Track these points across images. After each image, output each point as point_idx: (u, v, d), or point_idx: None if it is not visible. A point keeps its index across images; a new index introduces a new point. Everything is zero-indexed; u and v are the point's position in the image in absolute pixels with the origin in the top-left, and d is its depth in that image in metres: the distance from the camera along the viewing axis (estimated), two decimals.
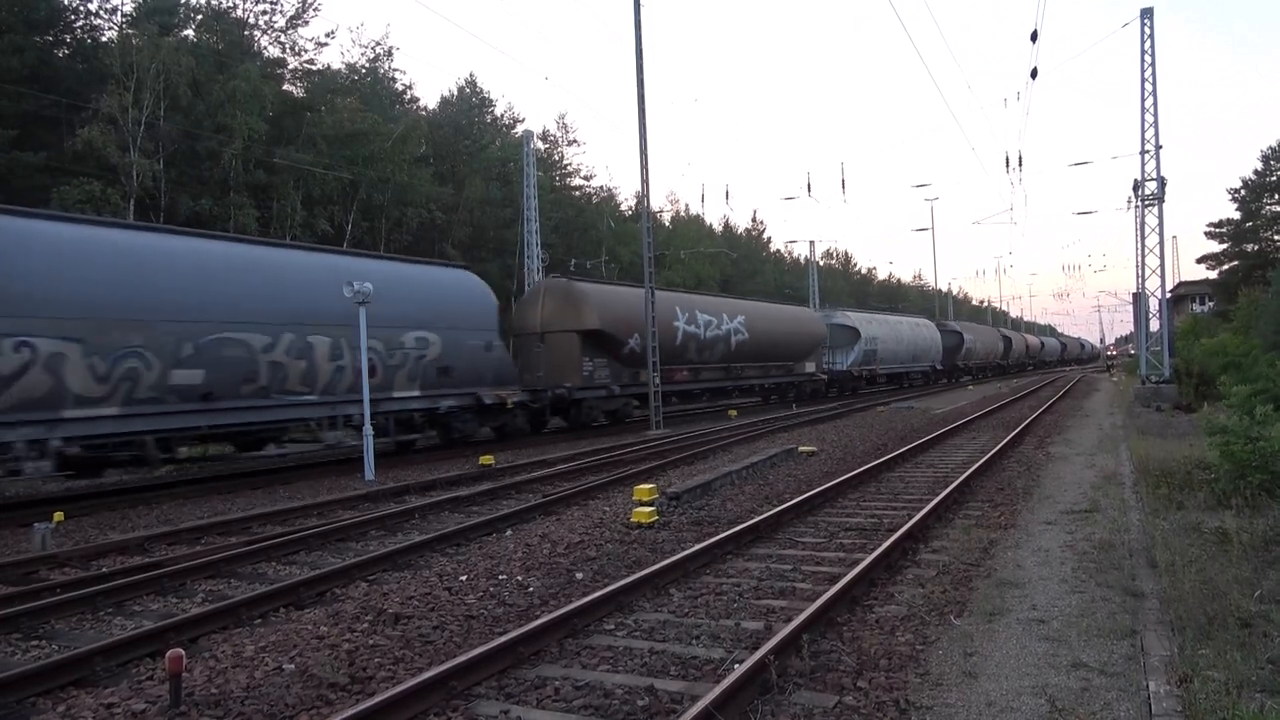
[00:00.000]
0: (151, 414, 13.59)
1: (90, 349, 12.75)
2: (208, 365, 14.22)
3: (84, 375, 12.69)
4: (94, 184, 27.09)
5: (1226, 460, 9.85)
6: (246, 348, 14.90)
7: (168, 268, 14.01)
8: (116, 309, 13.16)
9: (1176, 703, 4.53)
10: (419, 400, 18.27)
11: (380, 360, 17.17)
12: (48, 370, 12.30)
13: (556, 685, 5.25)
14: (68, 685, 5.58)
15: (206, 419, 14.35)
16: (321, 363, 16.09)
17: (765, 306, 34.83)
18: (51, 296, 12.44)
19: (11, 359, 11.92)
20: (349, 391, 16.38)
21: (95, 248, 13.55)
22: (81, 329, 12.68)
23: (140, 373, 13.40)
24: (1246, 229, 58.19)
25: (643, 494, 11.05)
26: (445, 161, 46.11)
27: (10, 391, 11.89)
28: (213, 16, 35.97)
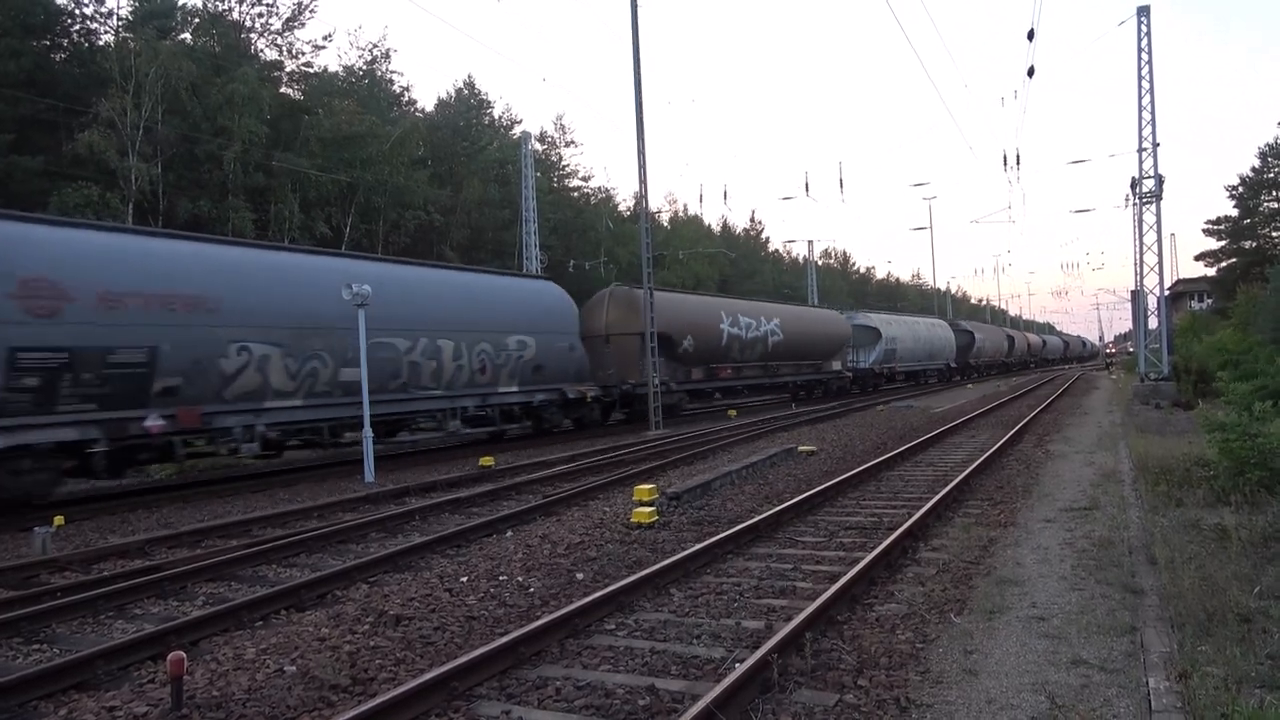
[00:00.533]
0: (327, 405, 16.35)
1: (287, 352, 15.48)
2: (371, 366, 16.18)
3: (282, 373, 15.42)
4: (93, 188, 27.10)
5: (1225, 457, 9.87)
6: (394, 350, 17.45)
7: (336, 285, 15.98)
8: (305, 319, 15.84)
9: (1176, 699, 4.54)
10: (517, 395, 21.01)
11: (489, 360, 19.82)
12: (258, 369, 15.00)
13: (558, 685, 5.26)
14: (69, 689, 5.58)
15: (363, 410, 16.02)
16: (446, 362, 18.74)
17: (798, 309, 37.79)
18: (262, 310, 15.12)
19: (235, 360, 14.62)
20: (465, 387, 19.28)
21: (290, 269, 16.46)
22: (281, 336, 15.37)
23: (319, 371, 16.09)
24: (1244, 226, 58.20)
25: (643, 494, 11.06)
26: (443, 163, 46.13)
27: (232, 386, 14.58)
28: (209, 20, 35.97)
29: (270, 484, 15.28)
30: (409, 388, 17.92)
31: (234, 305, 14.63)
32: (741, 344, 29.87)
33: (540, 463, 16.71)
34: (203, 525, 11.14)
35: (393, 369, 17.43)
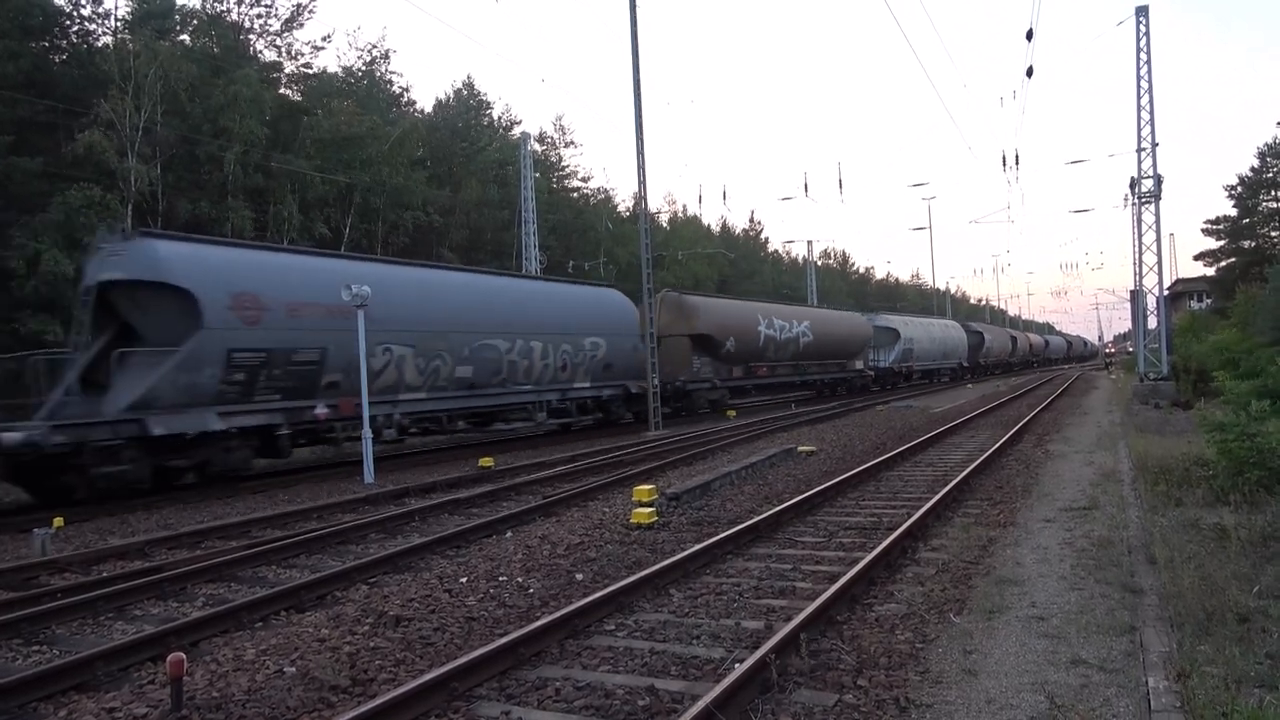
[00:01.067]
0: (445, 397, 18.98)
1: (418, 353, 17.97)
2: (475, 364, 19.38)
3: (413, 370, 17.96)
4: (95, 189, 27.08)
5: (1224, 457, 9.88)
6: (496, 351, 20.08)
7: (455, 294, 19.71)
8: (431, 324, 18.33)
9: (1175, 698, 4.55)
10: (590, 389, 23.64)
11: (570, 359, 22.43)
12: (396, 367, 17.53)
13: (557, 686, 5.26)
14: (69, 690, 5.58)
15: (472, 402, 19.74)
16: (536, 361, 21.24)
17: (825, 312, 40.54)
18: (400, 317, 17.44)
19: (380, 359, 17.03)
20: (550, 383, 21.98)
21: (419, 282, 19.16)
22: (414, 339, 17.82)
23: (440, 369, 18.61)
24: (1243, 226, 58.20)
25: (642, 495, 11.06)
26: (442, 164, 46.13)
27: (377, 381, 16.77)
28: (208, 21, 35.96)
29: (270, 485, 15.28)
30: (506, 383, 20.64)
31: (380, 313, 16.43)
32: (776, 345, 32.38)
33: (540, 463, 16.71)
34: (202, 526, 11.14)
35: (494, 367, 20.11)
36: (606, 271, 47.71)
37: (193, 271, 14.48)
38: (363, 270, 17.63)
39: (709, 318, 28.33)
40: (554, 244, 46.87)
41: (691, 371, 27.71)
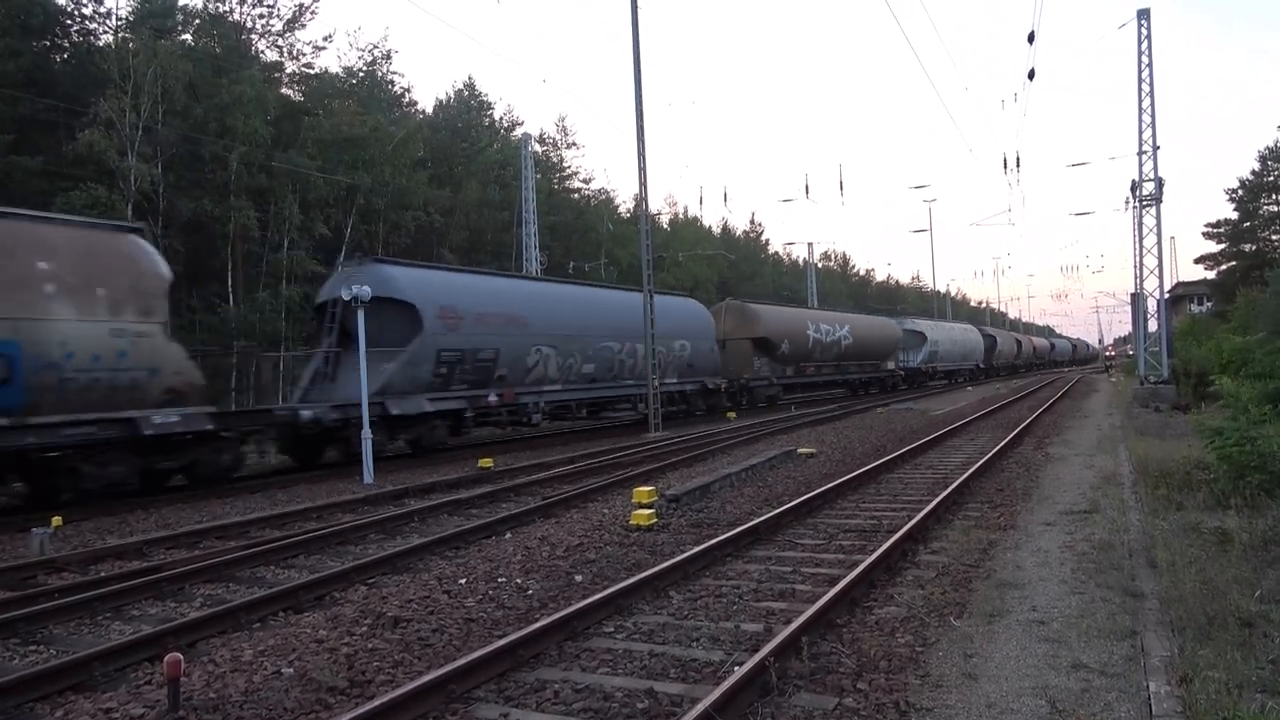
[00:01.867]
0: (575, 389, 23.24)
1: (559, 353, 22.02)
2: (596, 362, 23.65)
3: (555, 367, 22.05)
4: (99, 189, 27.07)
5: (1224, 462, 9.85)
6: (611, 351, 24.26)
7: (583, 304, 24.18)
8: (569, 330, 22.54)
9: (1177, 703, 4.53)
10: (677, 384, 27.61)
11: (664, 358, 26.06)
12: (544, 365, 21.63)
13: (556, 688, 5.24)
14: (66, 690, 5.56)
15: (592, 393, 24.19)
16: (639, 360, 25.16)
17: (862, 317, 44.93)
18: (547, 323, 21.67)
19: (533, 358, 21.26)
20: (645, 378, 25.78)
21: (558, 295, 23.84)
22: (556, 341, 21.96)
23: (573, 365, 22.73)
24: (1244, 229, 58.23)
25: (642, 496, 11.04)
26: (442, 164, 46.11)
27: (530, 375, 21.17)
28: (209, 21, 35.95)
29: (268, 485, 15.25)
30: (617, 378, 24.84)
31: (534, 321, 21.13)
32: (822, 347, 36.48)
33: (539, 464, 16.69)
34: (201, 526, 11.12)
35: (610, 364, 24.37)
36: (607, 273, 47.69)
37: (415, 289, 18.50)
38: (525, 287, 23.31)
39: (767, 323, 32.42)
40: (554, 245, 46.86)
41: (753, 370, 31.98)
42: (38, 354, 12.14)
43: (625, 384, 25.15)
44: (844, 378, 40.41)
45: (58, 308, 12.47)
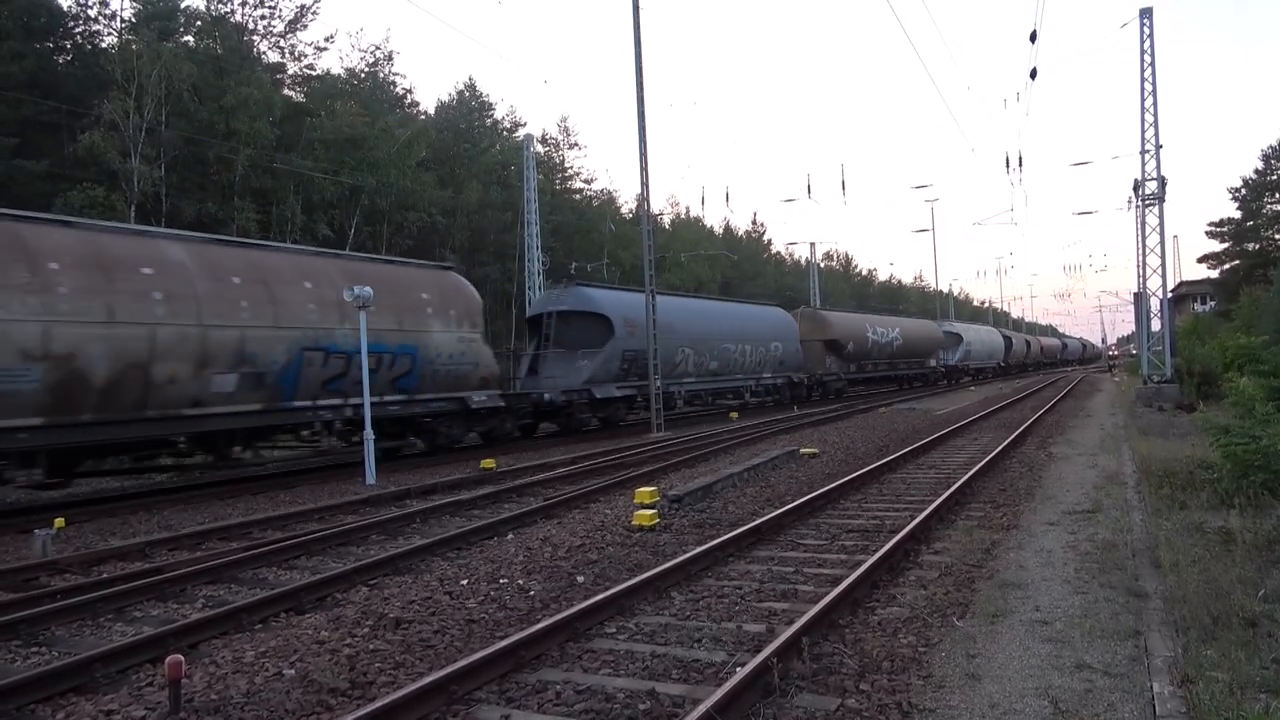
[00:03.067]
0: (704, 381, 29.05)
1: (696, 353, 27.73)
2: (720, 359, 29.36)
3: (692, 364, 27.76)
4: (98, 189, 27.11)
5: (1229, 461, 9.82)
6: (730, 351, 29.92)
7: (711, 313, 30.58)
8: (701, 335, 28.28)
9: (1180, 703, 4.51)
10: (771, 379, 33.26)
11: (762, 357, 31.94)
12: (685, 362, 27.20)
13: (558, 689, 5.23)
14: (67, 692, 5.55)
15: (716, 384, 29.97)
16: (748, 358, 30.98)
17: (910, 320, 52.48)
18: (687, 330, 27.44)
19: (679, 357, 26.73)
20: (750, 373, 31.73)
21: (696, 308, 30.42)
22: (694, 344, 27.62)
23: (704, 363, 28.42)
24: (1247, 228, 58.16)
25: (644, 497, 11.03)
26: (444, 165, 46.13)
27: (675, 370, 26.44)
28: (212, 22, 36.01)
29: (271, 486, 15.25)
30: (733, 373, 30.60)
31: (679, 328, 26.82)
32: (879, 347, 41.81)
33: (541, 465, 16.68)
34: (203, 527, 11.11)
35: (729, 361, 29.98)
36: (610, 273, 47.66)
37: (608, 304, 24.83)
38: (675, 302, 29.22)
39: (836, 327, 38.40)
40: (556, 246, 46.85)
41: (825, 367, 37.87)
42: (424, 354, 18.17)
43: (737, 377, 31.27)
44: (895, 373, 45.82)
45: (433, 324, 18.56)
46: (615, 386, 24.38)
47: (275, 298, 15.27)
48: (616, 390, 24.41)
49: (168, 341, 13.45)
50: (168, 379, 13.47)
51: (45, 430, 12.15)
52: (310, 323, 15.71)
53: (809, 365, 36.16)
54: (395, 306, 17.41)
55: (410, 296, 18.22)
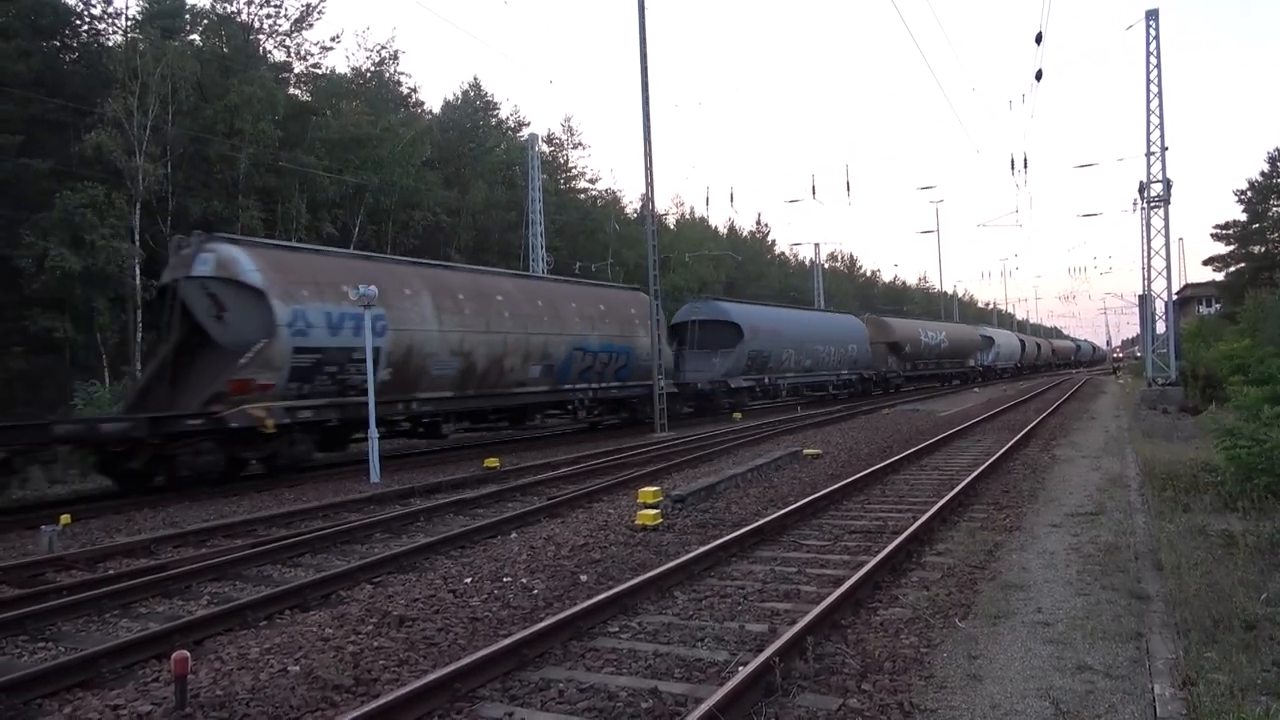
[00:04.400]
0: (800, 377, 35.26)
1: (796, 354, 33.91)
2: (812, 358, 35.71)
3: (792, 363, 33.86)
4: (99, 188, 27.14)
5: (1233, 463, 9.82)
6: (819, 351, 36.32)
7: (809, 321, 37.72)
8: (799, 339, 34.41)
9: (1182, 705, 4.52)
10: (847, 375, 39.81)
11: (840, 355, 38.50)
12: (787, 360, 33.21)
13: (561, 687, 5.25)
14: (74, 687, 5.59)
15: (810, 379, 36.47)
16: (831, 356, 37.60)
17: (954, 325, 58.93)
18: (791, 333, 34.01)
19: (785, 355, 33.06)
20: (832, 369, 38.17)
21: (796, 316, 37.70)
22: (795, 346, 33.86)
23: (801, 362, 34.62)
24: (1253, 231, 57.93)
25: (647, 496, 11.05)
26: (449, 165, 46.16)
27: (781, 366, 32.91)
28: (217, 21, 36.07)
29: (275, 484, 15.30)
30: (821, 370, 37.06)
31: (785, 332, 33.81)
32: (929, 348, 48.45)
33: (545, 464, 16.71)
34: (208, 524, 11.16)
35: (818, 359, 36.41)
36: (614, 273, 47.69)
37: (739, 314, 31.55)
38: (783, 311, 37.11)
39: (897, 331, 45.01)
40: (560, 245, 46.87)
41: (887, 366, 43.88)
42: (634, 353, 24.89)
43: (823, 373, 37.64)
44: (942, 371, 52.46)
45: (638, 331, 25.15)
46: (743, 378, 31.29)
47: (558, 314, 22.29)
48: (744, 381, 31.43)
49: (511, 344, 20.31)
50: (510, 368, 20.38)
51: (454, 399, 19.14)
52: (576, 330, 22.67)
53: (875, 363, 42.31)
54: (618, 318, 24.63)
55: (625, 311, 25.19)
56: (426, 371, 18.08)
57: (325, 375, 15.96)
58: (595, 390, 23.65)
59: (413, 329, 17.62)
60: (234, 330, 15.25)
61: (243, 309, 15.21)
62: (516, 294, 21.31)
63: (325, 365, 15.92)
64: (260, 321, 15.10)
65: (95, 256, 25.94)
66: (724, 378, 30.15)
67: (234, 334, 15.23)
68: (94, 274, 26.24)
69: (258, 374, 14.90)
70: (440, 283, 19.11)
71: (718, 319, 30.79)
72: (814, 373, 36.40)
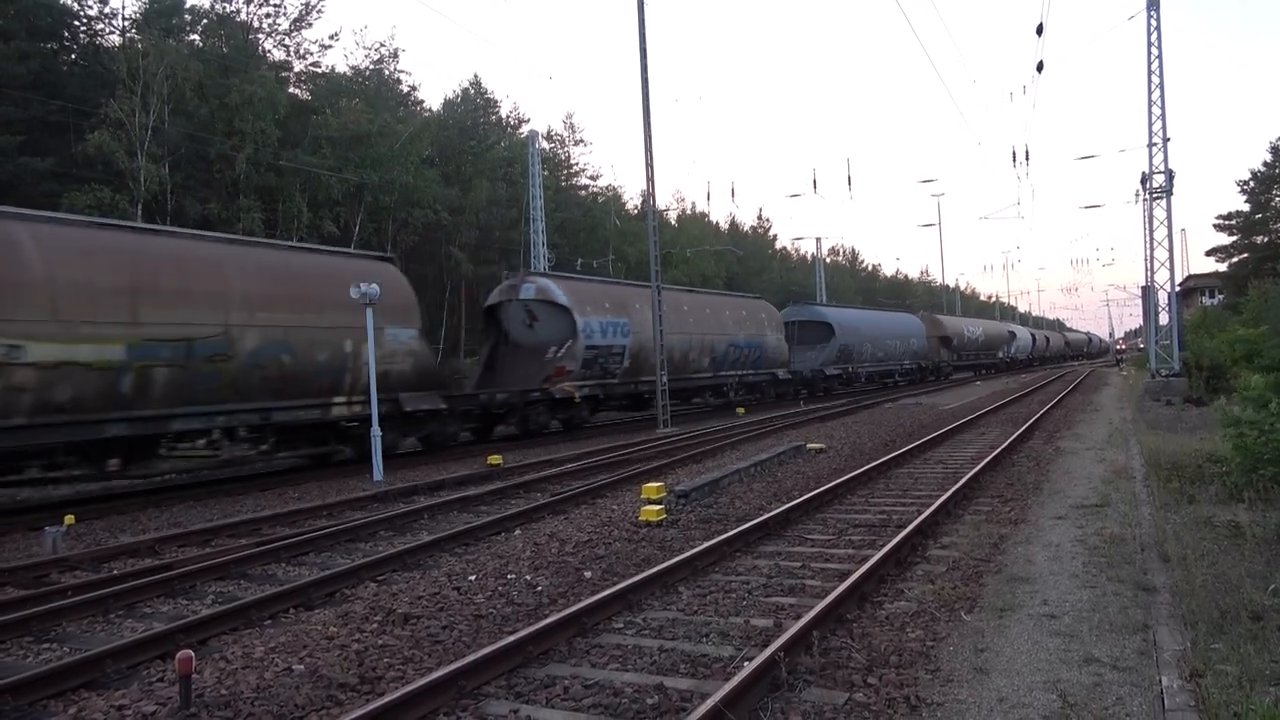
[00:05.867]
0: (873, 366, 42.13)
1: (872, 347, 41.19)
2: (884, 351, 42.75)
3: (869, 355, 40.97)
4: (104, 189, 27.17)
5: (1239, 453, 9.78)
6: (887, 344, 43.11)
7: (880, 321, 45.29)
8: (874, 335, 41.67)
9: (1189, 697, 4.51)
10: (910, 365, 46.73)
11: (905, 349, 45.33)
12: (865, 353, 40.54)
13: (566, 684, 5.24)
14: (79, 687, 5.59)
15: (881, 369, 43.06)
16: (897, 350, 44.29)
17: (987, 322, 70.06)
18: (870, 330, 41.56)
19: (864, 349, 40.42)
20: (898, 360, 44.88)
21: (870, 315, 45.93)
22: (872, 341, 41.21)
23: (875, 354, 41.60)
24: (1256, 221, 57.81)
25: (651, 492, 11.03)
26: (450, 162, 46.16)
27: (861, 358, 40.26)
28: (217, 21, 36.06)
29: (279, 483, 15.30)
30: (890, 361, 43.50)
31: (863, 330, 40.10)
32: (970, 341, 57.47)
33: (548, 461, 16.70)
34: (212, 524, 11.16)
35: (889, 352, 42.92)
36: (615, 269, 47.67)
37: (832, 316, 38.65)
38: (862, 313, 44.55)
39: (947, 326, 53.77)
40: (561, 242, 46.85)
41: (940, 357, 51.86)
42: (765, 347, 32.04)
43: (892, 364, 44.49)
44: (979, 361, 60.60)
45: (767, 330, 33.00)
46: (833, 367, 37.98)
47: (719, 319, 29.18)
48: (834, 369, 38.15)
49: (693, 342, 27.17)
50: (692, 360, 27.06)
51: None
52: (729, 331, 29.49)
53: (930, 354, 50.12)
54: (754, 321, 31.74)
55: (758, 316, 32.46)
56: (648, 363, 24.32)
57: (599, 365, 23.14)
58: (740, 375, 30.52)
59: (641, 333, 24.38)
60: (543, 335, 22.58)
61: (552, 320, 22.48)
62: (693, 304, 28.61)
63: (599, 358, 23.10)
64: (566, 329, 22.29)
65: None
66: (820, 367, 37.18)
67: (542, 337, 22.58)
68: None
69: (565, 363, 22.10)
70: (645, 298, 25.06)
71: (814, 320, 38.08)
72: (884, 363, 43.61)
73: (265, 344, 14.70)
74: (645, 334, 23.94)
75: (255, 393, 14.57)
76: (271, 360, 14.80)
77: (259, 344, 14.58)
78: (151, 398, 13.14)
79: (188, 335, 13.53)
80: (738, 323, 30.42)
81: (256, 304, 14.66)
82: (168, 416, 13.49)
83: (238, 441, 14.81)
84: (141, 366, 12.95)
